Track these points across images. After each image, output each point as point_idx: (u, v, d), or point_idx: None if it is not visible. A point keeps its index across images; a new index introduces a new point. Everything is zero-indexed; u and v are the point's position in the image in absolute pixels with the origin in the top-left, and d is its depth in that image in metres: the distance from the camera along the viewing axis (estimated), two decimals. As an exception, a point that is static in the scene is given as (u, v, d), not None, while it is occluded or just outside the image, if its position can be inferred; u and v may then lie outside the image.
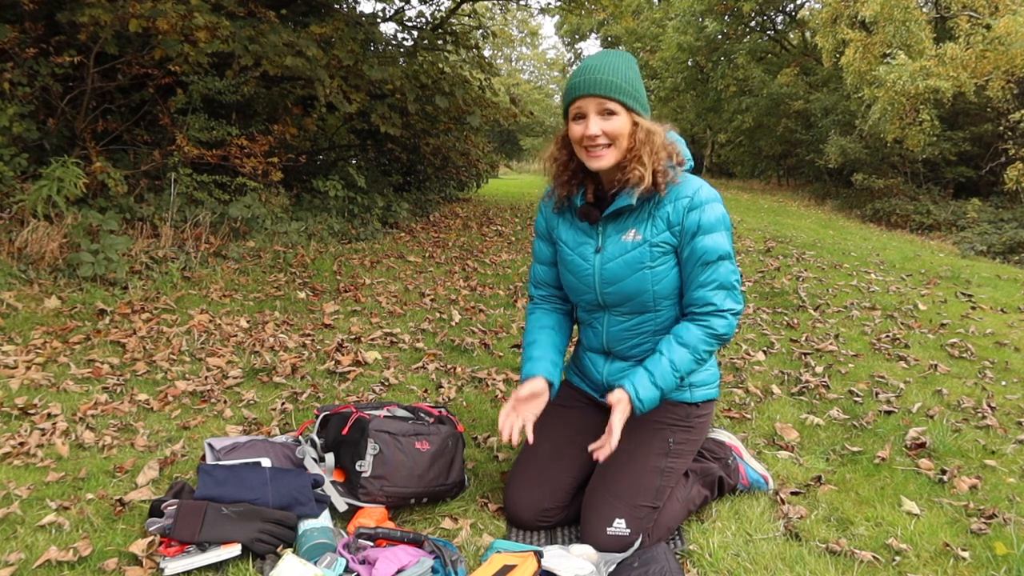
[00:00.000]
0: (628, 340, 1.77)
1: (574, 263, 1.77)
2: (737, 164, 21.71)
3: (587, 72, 1.59)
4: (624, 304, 1.72)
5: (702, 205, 1.62)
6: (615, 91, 1.57)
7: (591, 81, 1.57)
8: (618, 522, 1.64)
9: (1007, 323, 3.88)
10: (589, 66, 1.60)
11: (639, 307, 1.71)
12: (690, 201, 1.62)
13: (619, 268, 1.68)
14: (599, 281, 1.72)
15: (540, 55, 35.83)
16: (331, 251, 5.27)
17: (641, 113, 1.62)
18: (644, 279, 1.67)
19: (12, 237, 3.82)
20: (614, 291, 1.71)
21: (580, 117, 1.62)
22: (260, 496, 1.67)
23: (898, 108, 10.97)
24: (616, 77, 1.57)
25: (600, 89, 1.57)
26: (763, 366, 3.11)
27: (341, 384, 2.77)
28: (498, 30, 20.74)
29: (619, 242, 1.68)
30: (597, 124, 1.58)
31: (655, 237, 1.65)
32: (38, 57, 4.26)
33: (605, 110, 1.58)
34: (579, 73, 1.61)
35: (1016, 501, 1.94)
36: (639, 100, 1.61)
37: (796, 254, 5.92)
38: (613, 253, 1.69)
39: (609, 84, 1.57)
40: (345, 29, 5.56)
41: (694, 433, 1.78)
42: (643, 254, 1.66)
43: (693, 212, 1.62)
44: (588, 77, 1.58)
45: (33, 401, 2.42)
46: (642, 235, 1.66)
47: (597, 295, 1.75)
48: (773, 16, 19.71)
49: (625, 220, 1.68)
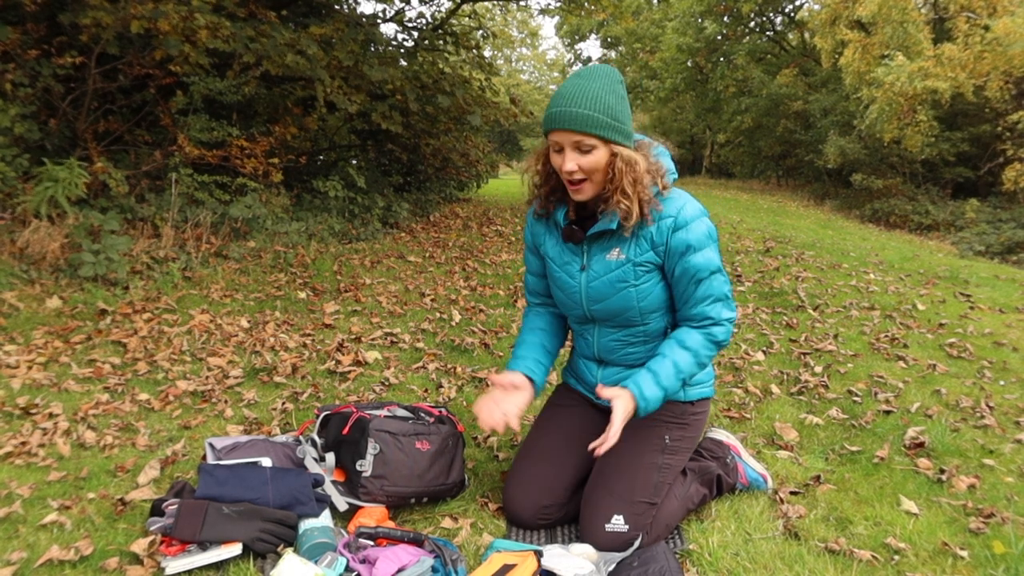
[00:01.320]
0: (619, 350, 1.79)
1: (561, 279, 1.77)
2: (736, 164, 21.72)
3: (562, 103, 1.51)
4: (612, 319, 1.74)
5: (687, 224, 1.60)
6: (590, 125, 1.50)
7: (565, 115, 1.51)
8: (616, 519, 1.65)
9: (1005, 323, 3.88)
10: (566, 95, 1.52)
11: (627, 321, 1.73)
12: (674, 221, 1.60)
13: (604, 286, 1.69)
14: (586, 298, 1.73)
15: (540, 56, 35.83)
16: (331, 251, 5.28)
17: (621, 142, 1.55)
18: (629, 297, 1.67)
19: (14, 237, 3.82)
20: (601, 308, 1.72)
21: (558, 149, 1.57)
22: (261, 496, 1.67)
23: (896, 109, 10.98)
24: (593, 109, 1.50)
25: (574, 124, 1.50)
26: (762, 366, 3.12)
27: (341, 384, 2.78)
28: (498, 31, 20.73)
29: (603, 260, 1.68)
30: (573, 160, 1.54)
31: (639, 257, 1.64)
32: (40, 58, 4.27)
33: (581, 145, 1.53)
34: (555, 102, 1.54)
35: (1014, 500, 1.95)
36: (619, 129, 1.54)
37: (795, 254, 5.93)
38: (598, 271, 1.69)
39: (584, 119, 1.50)
40: (345, 30, 5.57)
41: (690, 430, 1.80)
42: (627, 273, 1.66)
43: (679, 232, 1.60)
44: (563, 110, 1.51)
45: (35, 401, 2.43)
46: (625, 254, 1.65)
47: (585, 311, 1.76)
48: (772, 17, 19.72)
49: (609, 240, 1.67)
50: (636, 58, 23.25)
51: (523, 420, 2.45)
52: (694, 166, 26.14)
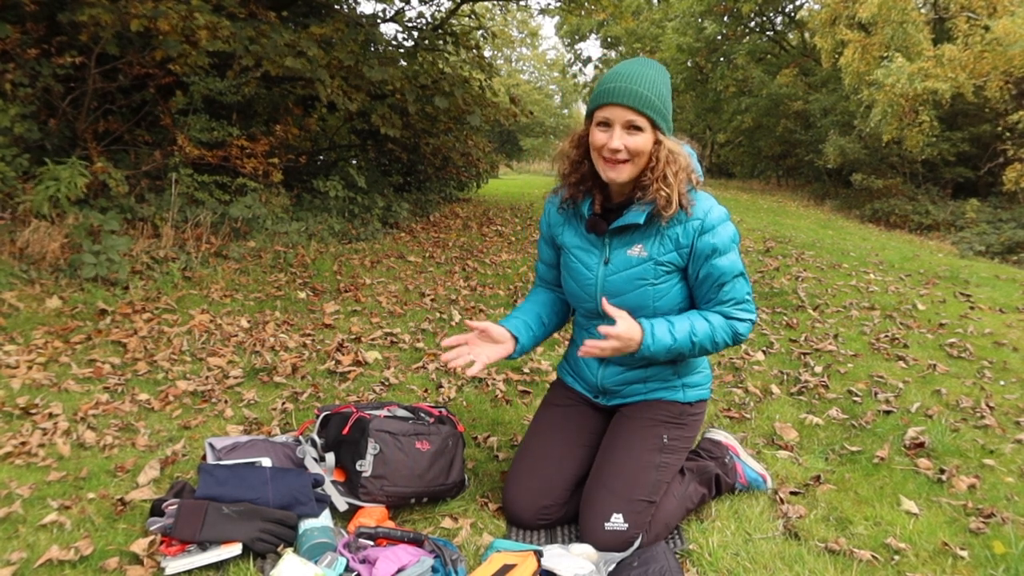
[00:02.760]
0: None
1: (578, 270, 1.76)
2: (736, 164, 21.73)
3: (621, 79, 1.52)
4: None
5: (714, 228, 1.61)
6: (647, 106, 1.52)
7: (624, 90, 1.51)
8: (615, 517, 1.65)
9: (1005, 323, 3.88)
10: (624, 73, 1.53)
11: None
12: (701, 224, 1.60)
13: (622, 282, 1.68)
14: (601, 291, 1.72)
15: (540, 56, 35.82)
16: (331, 251, 5.28)
17: (666, 132, 1.58)
18: (646, 295, 1.67)
19: (14, 237, 3.82)
20: (615, 304, 1.70)
21: (605, 124, 1.57)
22: (261, 496, 1.67)
23: (897, 110, 10.98)
24: (650, 91, 1.52)
25: (632, 100, 1.51)
26: (762, 366, 3.12)
27: (341, 384, 2.78)
28: (498, 31, 20.73)
29: (624, 256, 1.68)
30: (621, 138, 1.54)
31: (662, 256, 1.64)
32: (39, 58, 4.26)
33: (632, 124, 1.54)
34: (612, 78, 1.54)
35: (1014, 500, 1.95)
36: (666, 119, 1.57)
37: (795, 254, 5.93)
38: (618, 266, 1.69)
39: (642, 97, 1.51)
40: (345, 30, 5.57)
41: (687, 430, 1.80)
42: (647, 271, 1.65)
43: (705, 235, 1.60)
44: (622, 85, 1.52)
45: (35, 401, 2.42)
46: (648, 252, 1.65)
47: (598, 304, 1.73)
48: (772, 17, 19.72)
49: (632, 234, 1.67)
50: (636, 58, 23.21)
51: (521, 420, 2.45)
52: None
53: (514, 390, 2.76)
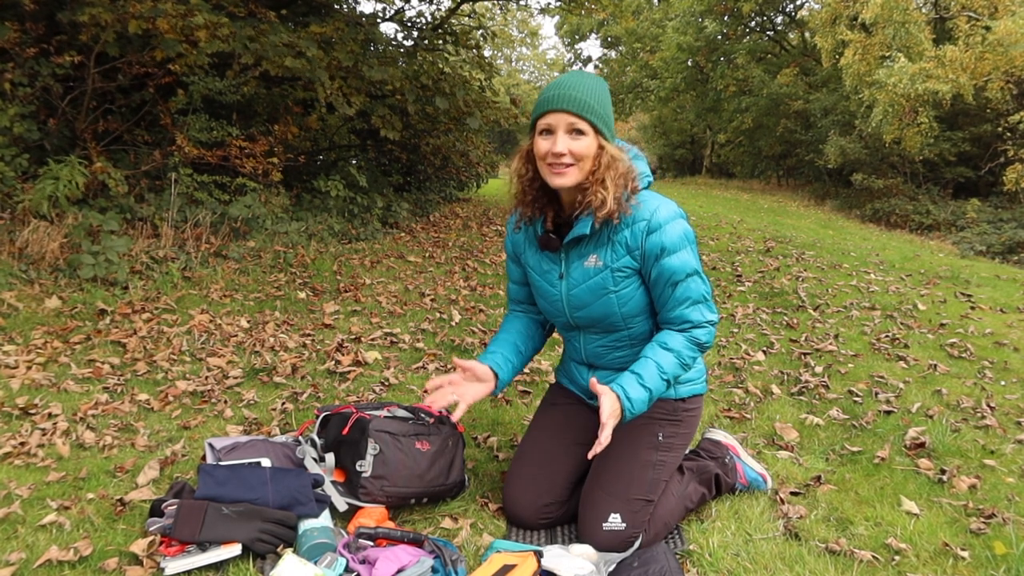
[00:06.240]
0: (607, 355, 1.79)
1: (543, 288, 1.79)
2: (737, 164, 21.74)
3: (561, 88, 1.56)
4: (595, 325, 1.74)
5: (661, 227, 1.60)
6: (587, 110, 1.54)
7: (564, 96, 1.54)
8: (613, 517, 1.65)
9: (1006, 323, 3.88)
10: (563, 82, 1.58)
11: (610, 327, 1.73)
12: (648, 224, 1.60)
13: (584, 294, 1.69)
14: (568, 306, 1.74)
15: (540, 55, 35.82)
16: (331, 251, 5.28)
17: (608, 138, 1.59)
18: (610, 303, 1.68)
19: (13, 237, 3.82)
20: (583, 315, 1.72)
21: (547, 132, 1.58)
22: (260, 496, 1.67)
23: (898, 110, 10.98)
24: (589, 97, 1.55)
25: (572, 106, 1.54)
26: (763, 366, 3.12)
27: (341, 384, 2.77)
28: (498, 30, 20.74)
29: (582, 268, 1.68)
30: (564, 142, 1.55)
31: (615, 263, 1.64)
32: (39, 57, 4.26)
33: (574, 128, 1.55)
34: (552, 88, 1.59)
35: (1015, 501, 1.94)
36: (607, 125, 1.59)
37: (796, 254, 5.92)
38: (577, 279, 1.70)
39: (582, 103, 1.54)
40: (345, 29, 5.56)
41: (683, 427, 1.80)
42: (606, 279, 1.66)
43: (653, 235, 1.60)
44: (561, 92, 1.55)
45: (34, 401, 2.42)
46: (603, 261, 1.65)
47: (568, 318, 1.76)
48: (773, 16, 19.73)
49: (585, 246, 1.67)
50: (636, 58, 23.26)
51: (521, 420, 2.45)
52: (694, 166, 26.14)
53: (514, 390, 2.76)
